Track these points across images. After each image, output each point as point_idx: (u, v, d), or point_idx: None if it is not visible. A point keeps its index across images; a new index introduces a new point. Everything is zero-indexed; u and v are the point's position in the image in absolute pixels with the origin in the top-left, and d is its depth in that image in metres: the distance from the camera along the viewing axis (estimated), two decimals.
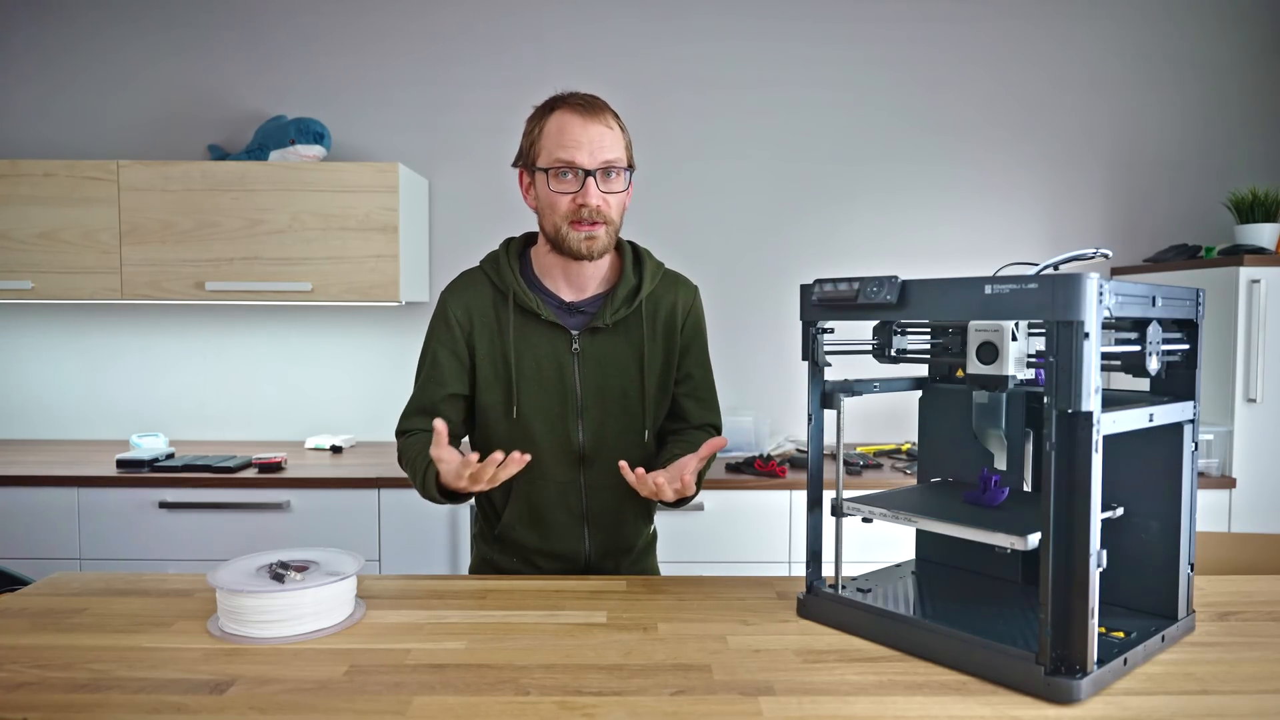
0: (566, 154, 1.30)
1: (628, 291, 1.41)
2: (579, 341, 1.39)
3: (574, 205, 1.30)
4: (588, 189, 1.29)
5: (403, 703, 0.90)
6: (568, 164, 1.30)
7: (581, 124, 1.30)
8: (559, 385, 1.39)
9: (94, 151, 2.94)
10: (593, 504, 1.43)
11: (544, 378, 1.39)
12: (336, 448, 2.75)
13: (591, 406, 1.40)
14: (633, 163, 1.38)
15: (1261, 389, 2.43)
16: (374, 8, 2.94)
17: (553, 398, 1.39)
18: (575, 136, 1.30)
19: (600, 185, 1.31)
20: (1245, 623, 1.14)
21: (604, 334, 1.40)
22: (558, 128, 1.31)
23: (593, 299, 1.42)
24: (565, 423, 1.40)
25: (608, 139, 1.31)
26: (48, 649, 1.04)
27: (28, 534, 2.37)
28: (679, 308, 1.45)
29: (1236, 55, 2.99)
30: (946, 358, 1.14)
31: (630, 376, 1.41)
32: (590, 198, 1.29)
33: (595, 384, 1.40)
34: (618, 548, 1.47)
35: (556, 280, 1.41)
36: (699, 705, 0.90)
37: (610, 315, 1.39)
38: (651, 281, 1.43)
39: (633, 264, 1.43)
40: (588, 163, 1.29)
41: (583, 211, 1.30)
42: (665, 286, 1.46)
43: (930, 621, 1.03)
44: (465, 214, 2.97)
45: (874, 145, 2.98)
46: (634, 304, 1.41)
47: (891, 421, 2.99)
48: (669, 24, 2.96)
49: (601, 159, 1.30)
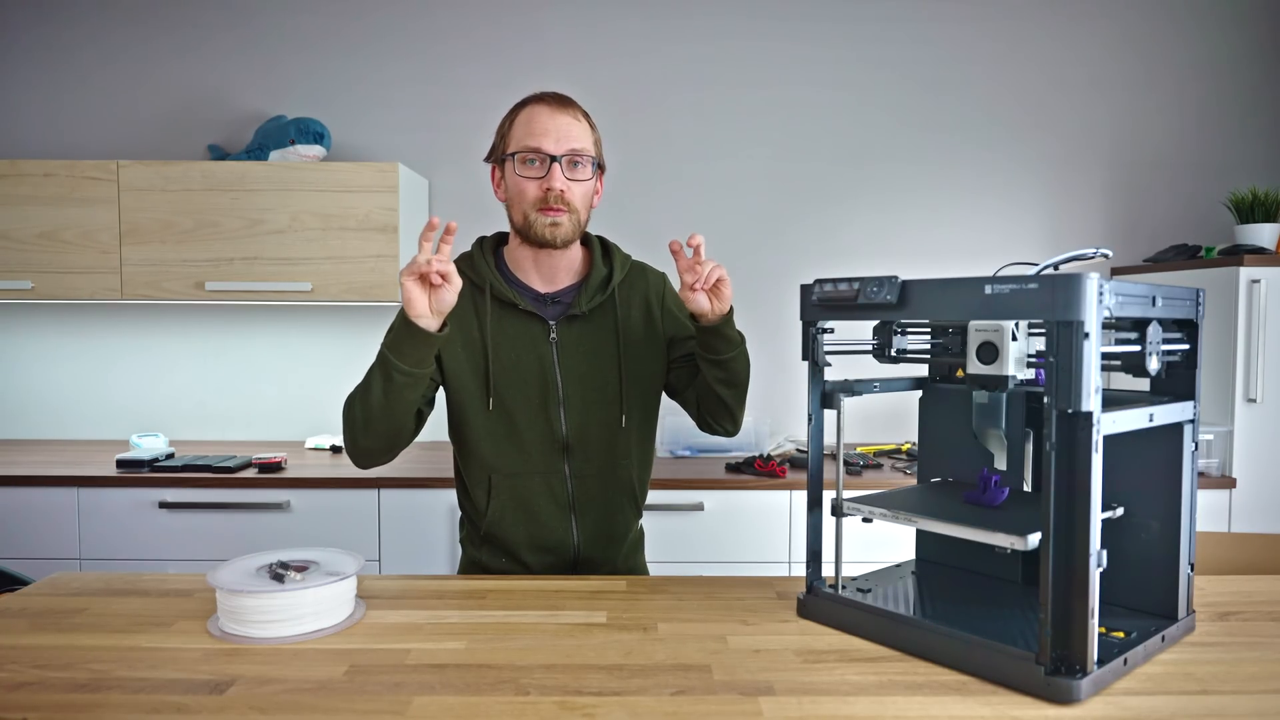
0: (534, 140, 1.33)
1: (600, 280, 1.44)
2: (557, 330, 1.41)
3: (540, 191, 1.33)
4: (553, 173, 1.33)
5: (403, 703, 0.90)
6: (534, 150, 1.33)
7: (549, 113, 1.35)
8: (539, 375, 1.41)
9: (94, 151, 2.94)
10: (578, 492, 1.44)
11: (523, 368, 1.40)
12: (336, 448, 2.75)
13: (572, 395, 1.41)
14: (602, 162, 1.41)
15: (1261, 389, 2.43)
16: (374, 8, 2.94)
17: (533, 388, 1.41)
18: (543, 124, 1.34)
19: (566, 173, 1.34)
20: (1245, 623, 1.14)
21: (581, 322, 1.42)
22: (526, 119, 1.36)
23: (566, 290, 1.44)
24: (547, 412, 1.41)
25: (575, 129, 1.36)
26: (48, 649, 1.04)
27: (28, 534, 2.37)
28: (650, 294, 1.48)
29: (1236, 55, 2.99)
30: (946, 358, 1.14)
31: (609, 364, 1.43)
32: (555, 182, 1.33)
33: (576, 372, 1.41)
34: (607, 537, 1.48)
35: (529, 273, 1.44)
36: (699, 705, 0.90)
37: (586, 303, 1.41)
38: (622, 270, 1.47)
39: (602, 255, 1.47)
40: (554, 149, 1.33)
41: (549, 196, 1.33)
42: (635, 275, 1.49)
43: (930, 621, 1.03)
44: (465, 214, 2.96)
45: (874, 145, 2.98)
46: (607, 291, 1.43)
47: (891, 421, 2.99)
48: (669, 24, 2.96)
49: (568, 147, 1.34)
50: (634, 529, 1.54)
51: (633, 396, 1.45)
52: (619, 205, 2.91)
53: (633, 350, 1.45)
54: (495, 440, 1.41)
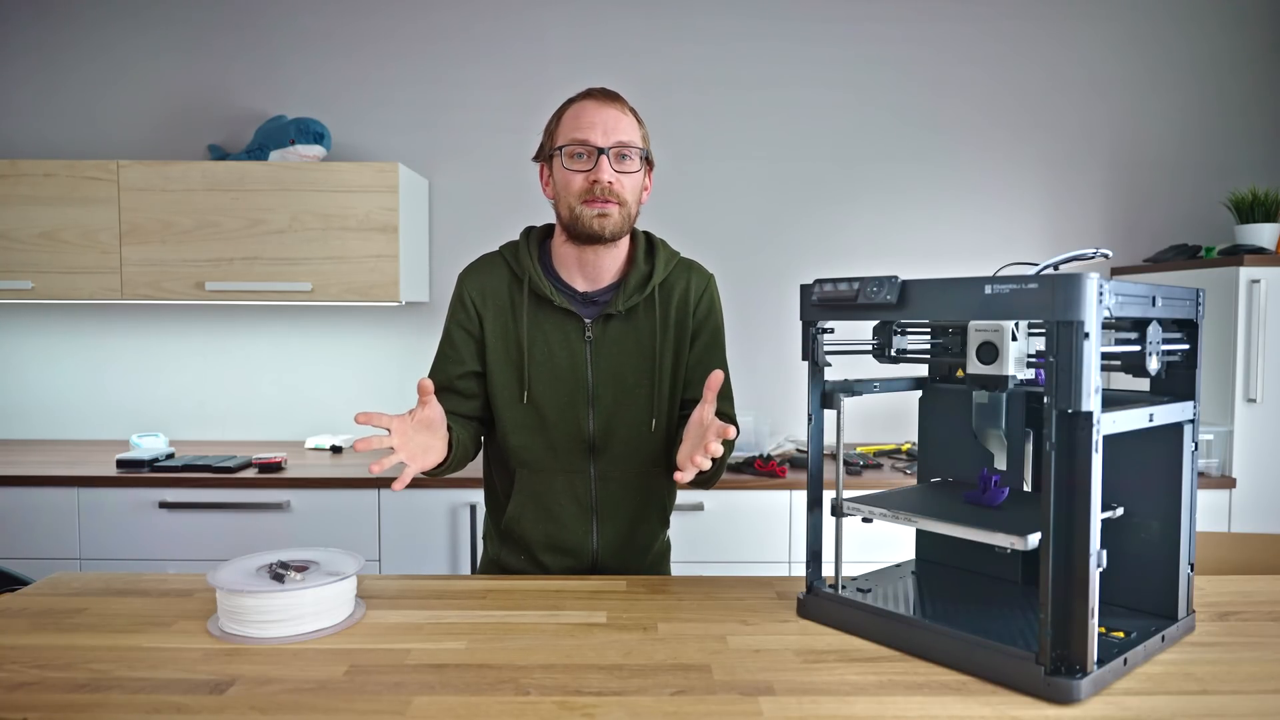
0: (581, 133, 1.33)
1: (639, 279, 1.41)
2: (592, 329, 1.40)
3: (587, 183, 1.33)
4: (601, 165, 1.32)
5: (403, 703, 0.90)
6: (582, 142, 1.33)
7: (597, 106, 1.35)
8: (571, 373, 1.39)
9: (94, 151, 2.94)
10: (601, 495, 1.42)
11: (556, 364, 1.39)
12: (336, 448, 2.75)
13: (603, 395, 1.40)
14: (651, 157, 1.40)
15: (1261, 389, 2.43)
16: (374, 8, 2.94)
17: (564, 384, 1.40)
18: (590, 118, 1.34)
19: (614, 165, 1.33)
20: (1245, 623, 1.14)
21: (617, 322, 1.40)
22: (574, 113, 1.36)
23: (607, 289, 1.42)
24: (576, 410, 1.40)
25: (623, 122, 1.35)
26: (48, 649, 1.04)
27: (28, 534, 2.37)
28: (691, 294, 1.44)
29: (1236, 55, 2.99)
30: (946, 358, 1.14)
31: (642, 366, 1.40)
32: (603, 173, 1.32)
33: (608, 372, 1.40)
34: (629, 546, 1.45)
35: (571, 270, 1.42)
36: (699, 705, 0.90)
37: (623, 302, 1.39)
38: (665, 269, 1.43)
39: (645, 253, 1.44)
40: (601, 141, 1.32)
41: (595, 188, 1.32)
42: (678, 274, 1.45)
43: (930, 621, 1.03)
44: (465, 214, 2.97)
45: (874, 145, 2.98)
46: (645, 291, 1.40)
47: (891, 421, 2.98)
48: (669, 24, 2.96)
49: (615, 139, 1.33)
50: (659, 540, 1.50)
51: (663, 400, 1.42)
52: None
53: (667, 353, 1.42)
54: (525, 433, 1.41)
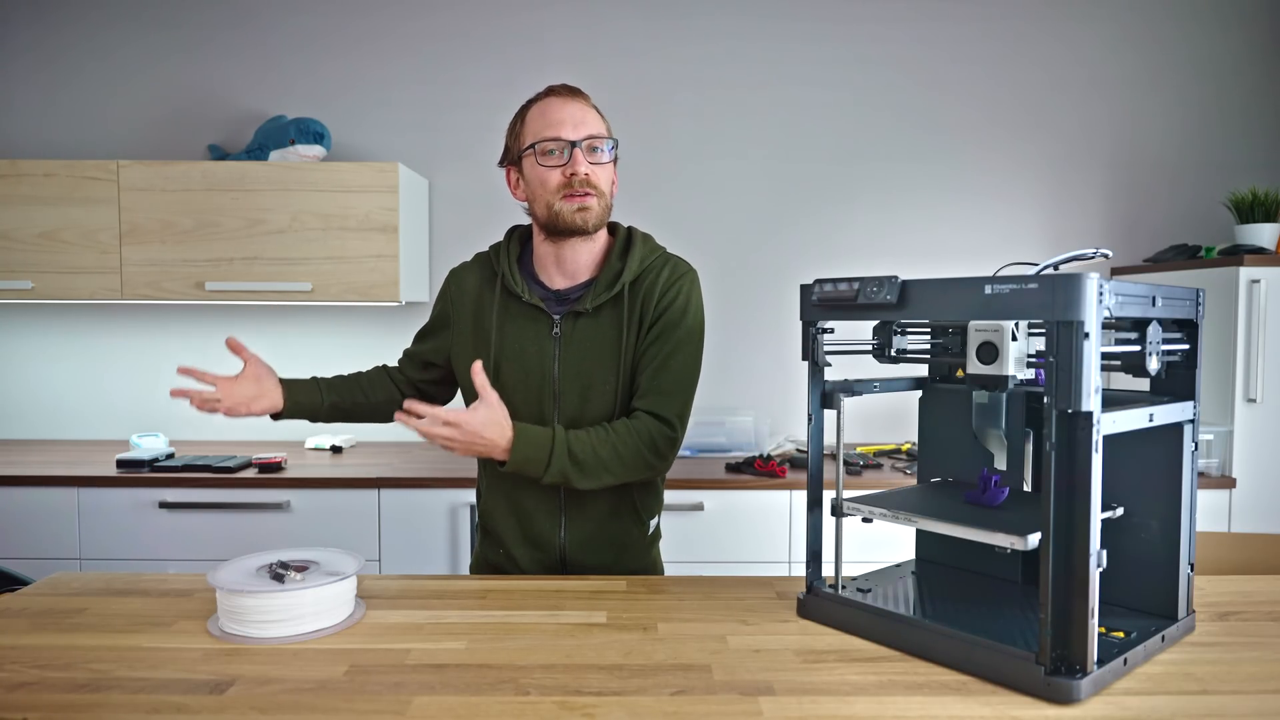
0: (551, 130, 1.35)
1: (611, 276, 1.41)
2: (560, 326, 1.41)
3: (564, 177, 1.34)
4: (575, 158, 1.34)
5: (403, 703, 0.90)
6: (553, 139, 1.34)
7: (562, 103, 1.37)
8: (538, 368, 1.41)
9: (94, 151, 2.94)
10: (568, 490, 1.41)
11: (525, 360, 1.41)
12: (336, 448, 2.75)
13: (567, 391, 1.40)
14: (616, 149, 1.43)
15: (1261, 389, 2.43)
16: (374, 8, 2.94)
17: (532, 380, 1.41)
18: (558, 114, 1.36)
19: (586, 157, 1.35)
20: (1245, 623, 1.14)
21: (586, 320, 1.40)
22: (539, 112, 1.38)
23: (582, 285, 1.43)
24: (542, 406, 1.41)
25: (590, 115, 1.38)
26: (48, 649, 1.04)
27: (28, 534, 2.37)
28: (658, 287, 1.41)
29: (1236, 55, 2.99)
30: (946, 358, 1.14)
31: (608, 363, 1.40)
32: (579, 166, 1.34)
33: (574, 369, 1.40)
34: (600, 545, 1.45)
35: (549, 269, 1.44)
36: (699, 705, 0.90)
37: (592, 300, 1.39)
38: (639, 267, 1.42)
39: (620, 251, 1.43)
40: (572, 135, 1.34)
41: (573, 181, 1.33)
42: (652, 271, 1.43)
43: (930, 621, 1.03)
44: (465, 214, 2.97)
45: (873, 145, 2.98)
46: (615, 289, 1.40)
47: (891, 421, 2.98)
48: (669, 24, 2.96)
49: (586, 132, 1.35)
50: (633, 536, 1.49)
51: (628, 398, 1.42)
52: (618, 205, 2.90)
53: (631, 352, 1.41)
54: None
